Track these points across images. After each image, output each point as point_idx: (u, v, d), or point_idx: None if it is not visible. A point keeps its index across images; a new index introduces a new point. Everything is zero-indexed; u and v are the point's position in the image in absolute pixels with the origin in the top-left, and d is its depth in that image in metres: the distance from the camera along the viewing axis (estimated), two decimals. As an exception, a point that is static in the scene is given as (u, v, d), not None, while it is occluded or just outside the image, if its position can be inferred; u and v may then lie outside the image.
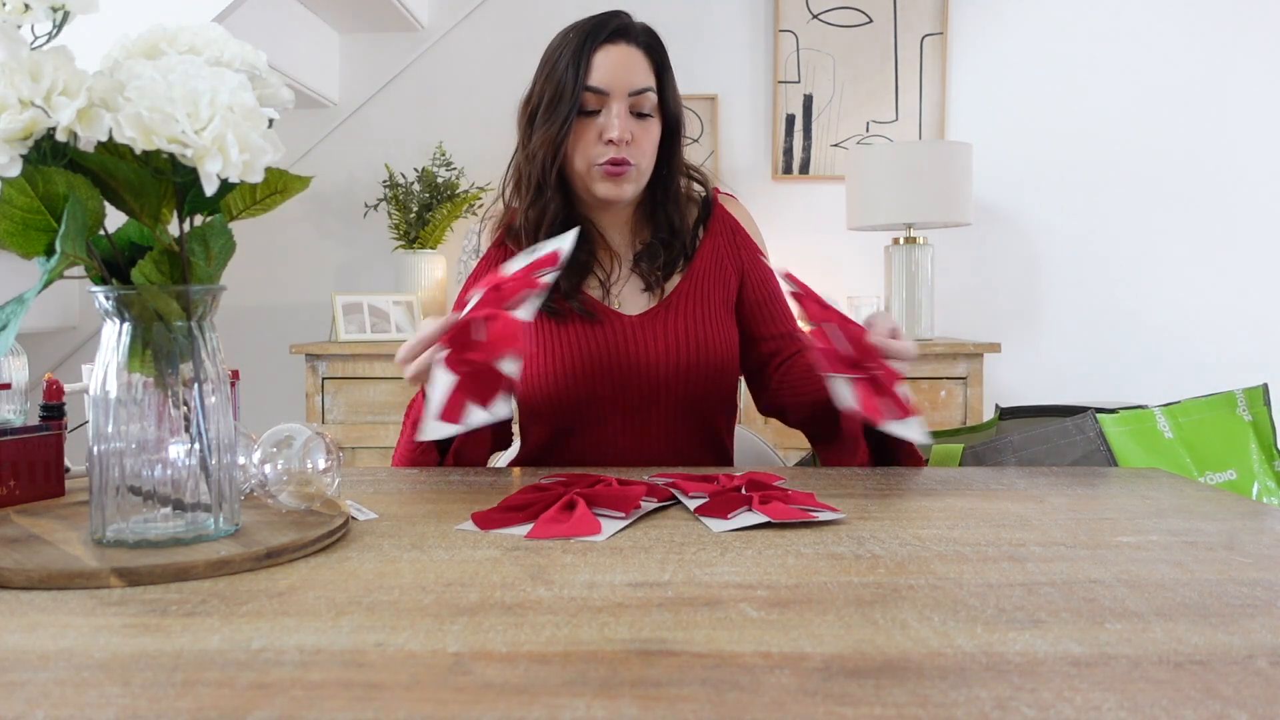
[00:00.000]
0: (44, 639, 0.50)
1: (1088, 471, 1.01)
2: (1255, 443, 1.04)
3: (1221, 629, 0.51)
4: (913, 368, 2.26)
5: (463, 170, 2.63)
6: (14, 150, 0.59)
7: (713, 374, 1.16)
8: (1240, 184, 2.66)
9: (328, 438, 0.77)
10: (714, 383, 1.17)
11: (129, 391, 0.66)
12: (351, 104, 2.70)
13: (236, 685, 0.43)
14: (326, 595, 0.57)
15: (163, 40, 0.67)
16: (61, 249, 0.61)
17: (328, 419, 2.28)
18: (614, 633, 0.50)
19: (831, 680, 0.44)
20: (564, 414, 1.16)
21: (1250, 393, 1.05)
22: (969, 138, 2.65)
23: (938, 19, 2.64)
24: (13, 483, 0.81)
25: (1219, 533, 0.73)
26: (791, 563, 0.65)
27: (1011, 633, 0.50)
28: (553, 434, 1.17)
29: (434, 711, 0.40)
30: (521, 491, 0.84)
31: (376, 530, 0.74)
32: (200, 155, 0.60)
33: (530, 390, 1.16)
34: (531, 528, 0.73)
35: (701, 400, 1.17)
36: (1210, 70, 2.65)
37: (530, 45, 2.70)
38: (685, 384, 1.15)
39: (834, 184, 2.68)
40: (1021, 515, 0.80)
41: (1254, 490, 1.03)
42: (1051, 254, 2.69)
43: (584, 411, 1.15)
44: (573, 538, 0.71)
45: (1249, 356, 2.67)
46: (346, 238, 2.73)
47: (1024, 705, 0.41)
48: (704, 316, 1.17)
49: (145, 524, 0.67)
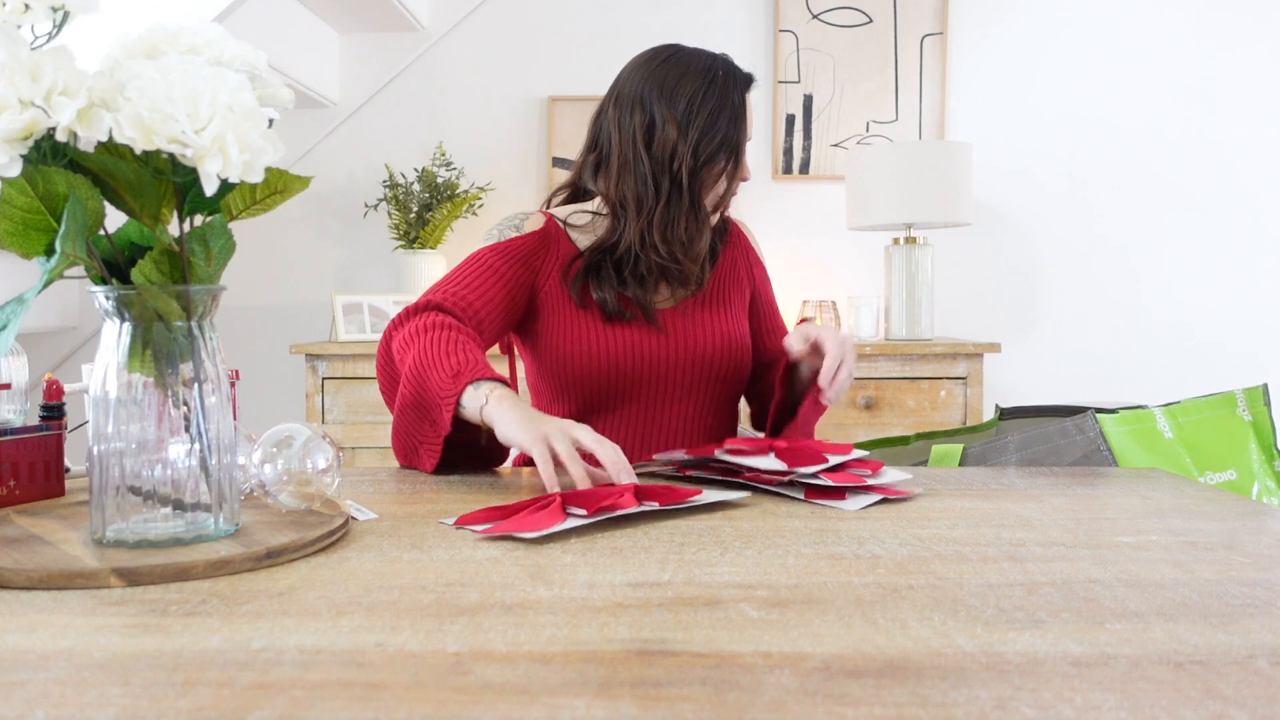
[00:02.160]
0: (44, 639, 0.50)
1: (1088, 471, 1.01)
2: (1255, 443, 1.04)
3: (1221, 629, 0.51)
4: (913, 368, 2.27)
5: (463, 170, 2.63)
6: (14, 150, 0.58)
7: (732, 367, 1.24)
8: (1240, 184, 2.66)
9: (328, 438, 0.77)
10: (733, 375, 1.25)
11: (129, 391, 0.66)
12: (351, 104, 2.70)
13: (236, 685, 0.43)
14: (326, 595, 0.57)
15: (163, 40, 0.67)
16: (61, 249, 0.61)
17: (328, 419, 2.28)
18: (614, 633, 0.50)
19: (831, 680, 0.44)
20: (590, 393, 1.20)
21: (1250, 393, 1.05)
22: (969, 138, 2.65)
23: (938, 19, 2.64)
24: (13, 483, 0.81)
25: (1219, 533, 0.73)
26: (791, 563, 0.65)
27: (1011, 633, 0.50)
28: (574, 414, 1.22)
29: (434, 711, 0.40)
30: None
31: (376, 530, 0.74)
32: (200, 155, 0.60)
33: (563, 366, 1.19)
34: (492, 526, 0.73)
35: (719, 391, 1.25)
36: (1210, 70, 2.65)
37: (530, 45, 2.72)
38: (707, 374, 1.22)
39: (834, 184, 2.68)
40: (1021, 515, 0.80)
41: (1254, 490, 1.03)
42: (1051, 254, 2.69)
43: (609, 393, 1.20)
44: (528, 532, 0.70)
45: (1249, 356, 2.67)
46: (346, 238, 2.73)
47: (1024, 705, 0.41)
48: (727, 315, 1.26)
49: (145, 524, 0.66)
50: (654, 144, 1.16)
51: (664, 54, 1.19)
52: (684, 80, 1.16)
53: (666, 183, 1.16)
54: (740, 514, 0.80)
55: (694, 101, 1.16)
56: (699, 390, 1.22)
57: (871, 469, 0.92)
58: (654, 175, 1.16)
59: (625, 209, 1.18)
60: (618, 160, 1.18)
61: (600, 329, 1.18)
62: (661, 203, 1.16)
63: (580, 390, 1.19)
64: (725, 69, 1.18)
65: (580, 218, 1.24)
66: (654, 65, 1.18)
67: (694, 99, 1.16)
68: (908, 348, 2.26)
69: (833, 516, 0.79)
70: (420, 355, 1.00)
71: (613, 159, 1.19)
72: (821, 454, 0.92)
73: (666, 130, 1.15)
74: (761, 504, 0.84)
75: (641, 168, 1.16)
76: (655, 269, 1.19)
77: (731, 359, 1.23)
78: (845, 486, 0.86)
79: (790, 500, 0.86)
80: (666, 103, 1.15)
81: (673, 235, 1.17)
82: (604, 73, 2.68)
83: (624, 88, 1.19)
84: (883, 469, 0.93)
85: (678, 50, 1.20)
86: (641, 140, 1.16)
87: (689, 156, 1.15)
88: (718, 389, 1.24)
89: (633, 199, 1.17)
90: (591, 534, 0.73)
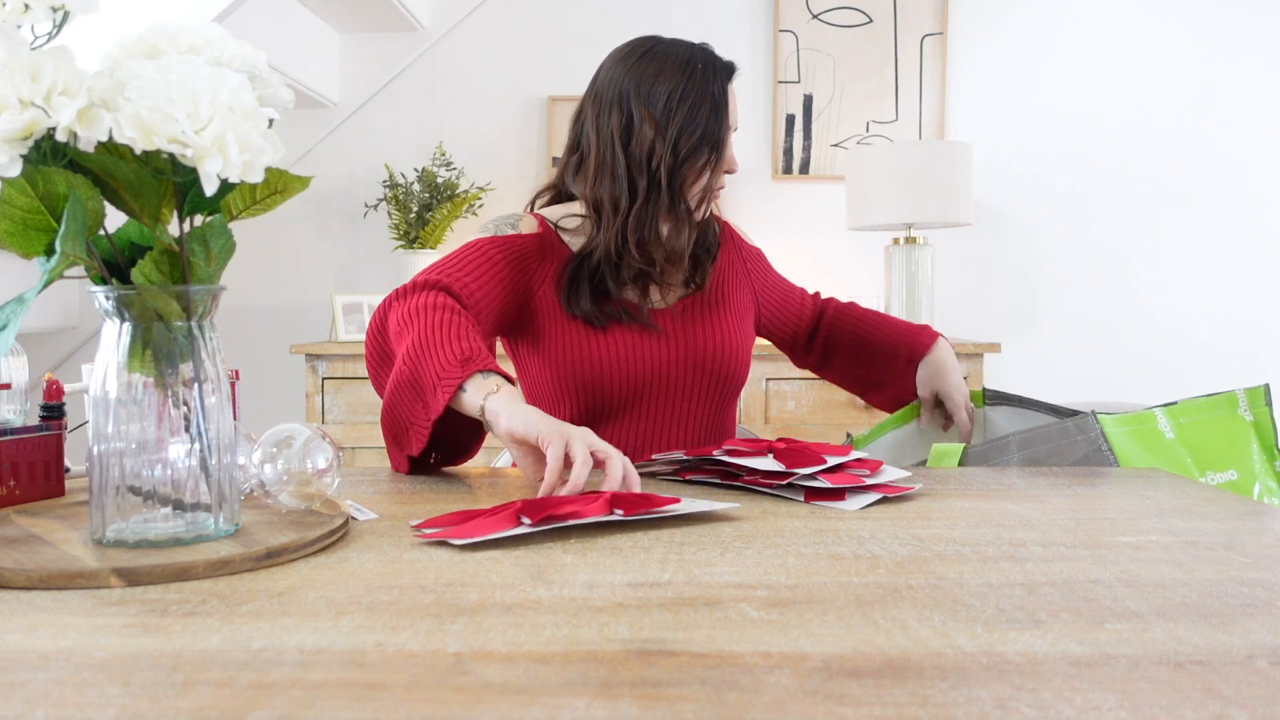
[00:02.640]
0: (44, 639, 0.50)
1: (1088, 471, 1.01)
2: (1257, 443, 1.04)
3: (1221, 629, 0.51)
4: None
5: (463, 170, 2.63)
6: (14, 150, 0.58)
7: (732, 366, 1.24)
8: (1240, 184, 2.66)
9: (328, 438, 0.77)
10: (733, 374, 1.25)
11: (129, 391, 0.66)
12: (351, 104, 2.70)
13: (236, 685, 0.43)
14: (326, 595, 0.57)
15: (163, 40, 0.67)
16: (61, 249, 0.61)
17: (328, 419, 2.28)
18: (614, 633, 0.50)
19: (831, 680, 0.44)
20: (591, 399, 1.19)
21: (1252, 393, 1.05)
22: (969, 138, 2.65)
23: (938, 19, 2.64)
24: (13, 483, 0.81)
25: (1219, 533, 0.73)
26: (791, 563, 0.65)
27: (1011, 633, 0.50)
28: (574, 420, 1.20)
29: (434, 711, 0.40)
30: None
31: (376, 530, 0.74)
32: (200, 155, 0.60)
33: (562, 373, 1.18)
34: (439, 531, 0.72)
35: (719, 390, 1.24)
36: (1210, 70, 2.65)
37: (530, 45, 2.72)
38: (706, 374, 1.22)
39: (834, 184, 2.68)
40: (1021, 515, 0.80)
41: (1255, 490, 1.03)
42: (1051, 254, 2.69)
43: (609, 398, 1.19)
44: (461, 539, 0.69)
45: (1249, 357, 2.67)
46: (346, 238, 2.73)
47: (1024, 705, 0.41)
48: (728, 314, 1.26)
49: (145, 524, 0.66)
50: (631, 143, 1.14)
51: (641, 49, 1.17)
52: (661, 76, 1.14)
53: (644, 182, 1.14)
54: (740, 514, 0.80)
55: (672, 97, 1.13)
56: (699, 390, 1.22)
57: (870, 469, 0.92)
58: (631, 176, 1.14)
59: (601, 212, 1.17)
60: (595, 161, 1.16)
61: (597, 336, 1.17)
62: (639, 203, 1.14)
63: (581, 396, 1.18)
64: (704, 60, 1.16)
65: (571, 221, 1.22)
66: (630, 62, 1.16)
67: (672, 95, 1.14)
68: (908, 348, 2.25)
69: (833, 516, 0.79)
70: (424, 334, 0.96)
71: (590, 160, 1.17)
72: (820, 455, 0.92)
73: (644, 129, 1.13)
74: (761, 504, 0.84)
75: (619, 169, 1.14)
76: (635, 273, 1.17)
77: (731, 358, 1.23)
78: (845, 488, 0.86)
79: (790, 501, 0.86)
80: (644, 100, 1.14)
81: (649, 237, 1.15)
82: (604, 73, 2.69)
83: (601, 86, 1.17)
84: (882, 468, 0.93)
85: (655, 44, 1.18)
86: (619, 141, 1.15)
87: (668, 154, 1.13)
88: (717, 388, 1.24)
89: (609, 201, 1.15)
90: (592, 534, 0.73)
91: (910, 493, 0.89)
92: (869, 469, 0.92)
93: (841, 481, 0.87)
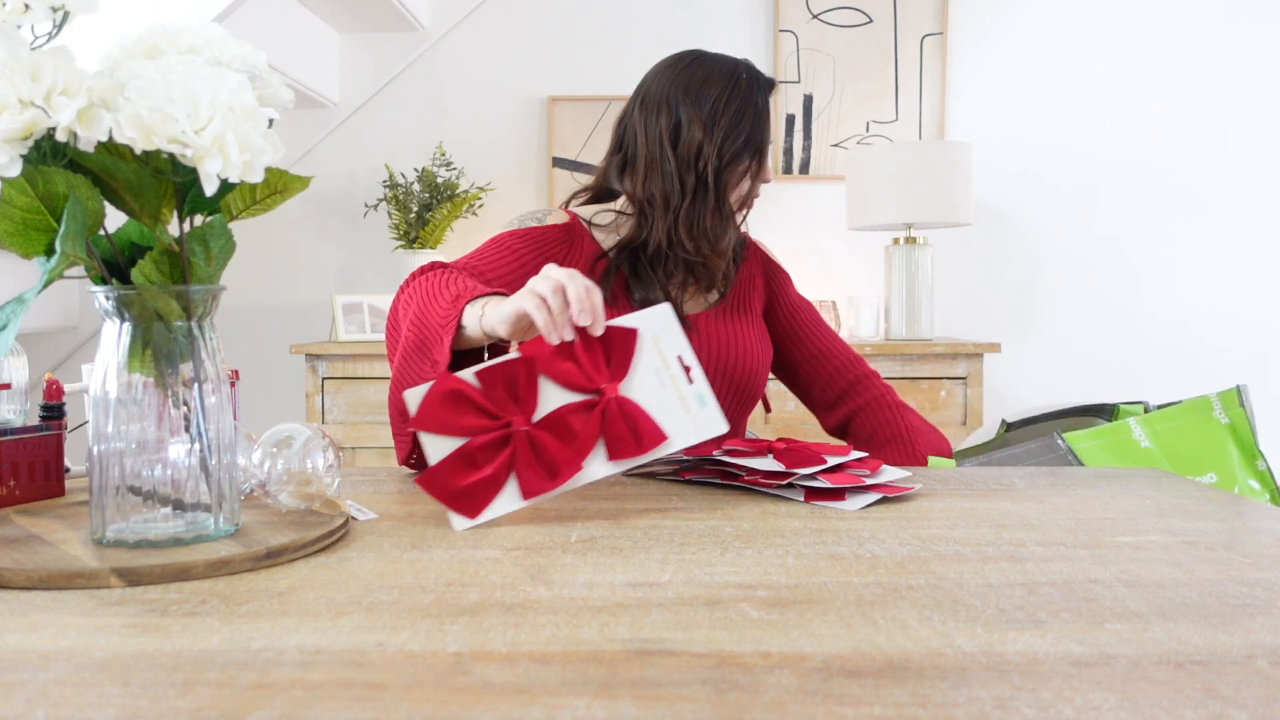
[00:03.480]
0: (44, 639, 0.50)
1: (1088, 472, 1.01)
2: (1234, 444, 1.05)
3: (1221, 629, 0.51)
4: (913, 368, 2.27)
5: (463, 170, 2.63)
6: (14, 150, 0.58)
7: (752, 373, 1.26)
8: (1241, 183, 2.66)
9: (328, 438, 0.77)
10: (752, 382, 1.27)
11: (129, 391, 0.66)
12: (351, 104, 2.70)
13: (236, 685, 0.43)
14: (326, 595, 0.57)
15: (163, 40, 0.67)
16: (61, 249, 0.61)
17: (328, 419, 2.28)
18: (614, 633, 0.50)
19: (831, 680, 0.44)
20: None
21: (1225, 396, 1.07)
22: (969, 138, 2.65)
23: (938, 19, 2.64)
24: (13, 483, 0.81)
25: (1219, 533, 0.73)
26: (791, 563, 0.65)
27: (1011, 633, 0.50)
28: None
29: (434, 711, 0.40)
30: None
31: (376, 530, 0.74)
32: (200, 155, 0.60)
33: None
34: (521, 494, 0.74)
35: (738, 396, 1.26)
36: (1210, 70, 2.65)
37: (530, 45, 2.72)
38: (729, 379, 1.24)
39: (834, 184, 2.68)
40: (1021, 515, 0.80)
41: (1235, 491, 1.04)
42: (1051, 254, 2.69)
43: None
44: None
45: (1249, 356, 2.67)
46: (346, 238, 2.73)
47: (1024, 705, 0.41)
48: (748, 323, 1.28)
49: (145, 524, 0.66)
50: (680, 144, 1.19)
51: (688, 58, 1.23)
52: (709, 82, 1.19)
53: (693, 180, 1.18)
54: (740, 514, 0.80)
55: (719, 103, 1.19)
56: (720, 395, 1.23)
57: (870, 469, 0.92)
58: (680, 174, 1.19)
59: (652, 207, 1.20)
60: (644, 161, 1.20)
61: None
62: (688, 200, 1.19)
63: None
64: (748, 72, 1.22)
65: (604, 217, 1.26)
66: (679, 69, 1.21)
67: (719, 100, 1.19)
68: (908, 348, 2.26)
69: (833, 516, 0.79)
70: (422, 299, 0.99)
71: (639, 159, 1.21)
72: (820, 455, 0.92)
73: (692, 130, 1.18)
74: (761, 504, 0.84)
75: (668, 166, 1.19)
76: (682, 266, 1.21)
77: (752, 369, 1.25)
78: (845, 488, 0.86)
79: (790, 500, 0.86)
80: (692, 104, 1.18)
81: (699, 231, 1.19)
82: (604, 73, 2.69)
83: (649, 90, 1.22)
84: (881, 468, 0.93)
85: (701, 55, 1.23)
86: (668, 140, 1.19)
87: (714, 156, 1.18)
88: (737, 398, 1.25)
89: (660, 197, 1.19)
90: (591, 534, 0.73)
91: (910, 493, 0.89)
92: (869, 469, 0.92)
93: (841, 481, 0.87)
